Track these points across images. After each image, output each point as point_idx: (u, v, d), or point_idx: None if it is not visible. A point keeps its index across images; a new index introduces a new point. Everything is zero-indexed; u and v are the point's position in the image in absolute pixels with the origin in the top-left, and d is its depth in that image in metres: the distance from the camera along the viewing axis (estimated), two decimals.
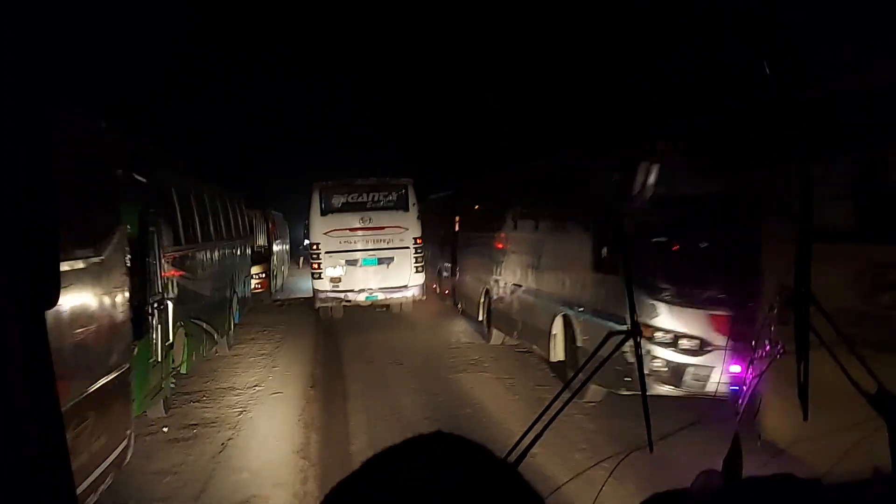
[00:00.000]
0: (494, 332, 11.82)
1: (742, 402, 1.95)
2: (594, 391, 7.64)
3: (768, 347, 1.84)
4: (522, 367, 10.15)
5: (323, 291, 14.39)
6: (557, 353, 8.85)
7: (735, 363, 5.01)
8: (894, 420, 1.41)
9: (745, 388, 1.92)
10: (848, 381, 1.56)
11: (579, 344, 8.00)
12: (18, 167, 0.93)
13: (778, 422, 3.65)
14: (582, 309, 7.99)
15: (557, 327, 8.74)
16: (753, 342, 1.86)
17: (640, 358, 1.53)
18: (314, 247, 14.40)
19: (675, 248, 6.86)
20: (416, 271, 14.40)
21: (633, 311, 1.55)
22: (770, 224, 5.28)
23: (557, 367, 9.13)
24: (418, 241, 14.44)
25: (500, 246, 11.52)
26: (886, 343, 3.70)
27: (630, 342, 1.60)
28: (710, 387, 6.20)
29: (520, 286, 10.42)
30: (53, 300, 1.08)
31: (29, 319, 0.99)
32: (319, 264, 14.27)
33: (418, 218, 14.52)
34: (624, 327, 1.60)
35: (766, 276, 5.22)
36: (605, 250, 7.34)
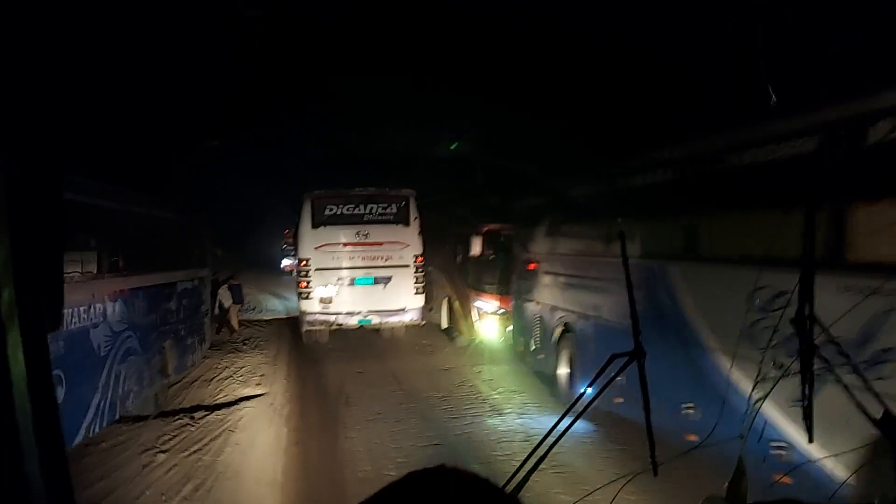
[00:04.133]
0: None
1: (747, 424, 1.94)
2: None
3: (773, 369, 1.84)
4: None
5: (311, 313, 13.22)
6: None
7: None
8: None
9: (749, 410, 1.92)
10: (854, 404, 1.56)
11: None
12: (29, 208, 0.96)
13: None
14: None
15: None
16: (759, 364, 1.86)
17: (644, 381, 1.53)
18: (303, 263, 13.24)
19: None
20: (417, 292, 13.37)
21: (637, 334, 1.55)
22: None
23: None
24: (419, 258, 13.40)
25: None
26: None
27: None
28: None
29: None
30: (57, 323, 1.11)
31: (33, 342, 1.01)
32: (308, 283, 13.10)
33: (420, 233, 13.49)
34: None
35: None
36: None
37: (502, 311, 12.42)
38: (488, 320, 12.88)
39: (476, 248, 13.26)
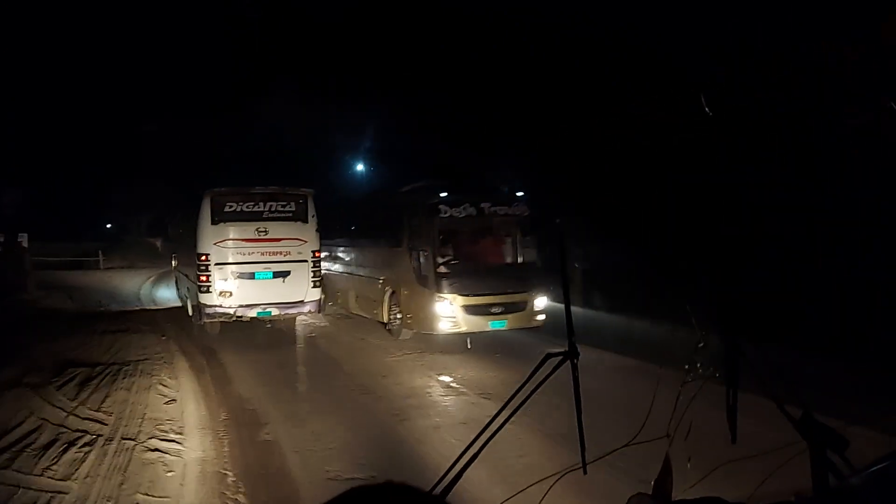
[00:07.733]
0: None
1: (673, 424, 2.00)
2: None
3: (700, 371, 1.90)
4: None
5: (211, 306, 13.48)
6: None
7: None
8: (817, 444, 1.48)
9: (675, 411, 1.98)
10: (775, 405, 1.62)
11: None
12: None
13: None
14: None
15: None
16: (686, 366, 1.92)
17: (576, 381, 1.56)
18: (203, 258, 13.49)
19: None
20: (314, 286, 14.03)
21: (571, 334, 1.58)
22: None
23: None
24: (317, 254, 14.13)
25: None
26: None
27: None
28: None
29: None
30: None
31: None
32: (208, 276, 13.41)
33: (318, 230, 14.14)
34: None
35: None
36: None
37: None
38: None
39: None
